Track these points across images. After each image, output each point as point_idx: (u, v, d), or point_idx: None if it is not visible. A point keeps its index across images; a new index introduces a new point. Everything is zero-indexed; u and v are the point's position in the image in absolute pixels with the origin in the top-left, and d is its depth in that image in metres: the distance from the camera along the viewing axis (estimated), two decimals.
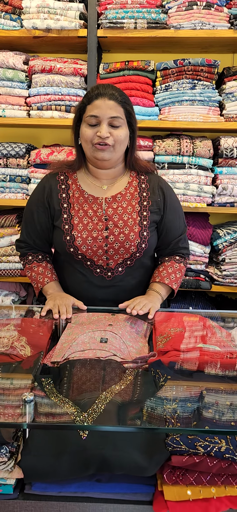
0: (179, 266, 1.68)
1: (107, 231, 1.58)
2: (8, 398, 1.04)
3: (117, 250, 1.59)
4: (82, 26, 2.28)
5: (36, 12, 2.28)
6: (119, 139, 1.56)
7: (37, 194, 1.69)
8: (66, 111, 2.36)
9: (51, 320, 1.52)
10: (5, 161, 2.41)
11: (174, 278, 1.65)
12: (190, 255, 1.79)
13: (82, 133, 1.59)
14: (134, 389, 1.07)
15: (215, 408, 0.98)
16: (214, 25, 2.25)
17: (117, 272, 1.62)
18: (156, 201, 1.65)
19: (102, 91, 1.55)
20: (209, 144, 2.33)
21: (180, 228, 1.72)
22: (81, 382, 1.11)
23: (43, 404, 1.00)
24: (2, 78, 2.33)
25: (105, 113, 1.53)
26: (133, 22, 2.25)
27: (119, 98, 1.56)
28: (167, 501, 0.91)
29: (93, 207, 1.61)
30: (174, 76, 2.30)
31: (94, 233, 1.58)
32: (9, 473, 0.97)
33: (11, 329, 1.42)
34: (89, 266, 1.61)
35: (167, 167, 2.35)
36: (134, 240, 1.58)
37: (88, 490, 0.97)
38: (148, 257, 1.68)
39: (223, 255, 2.40)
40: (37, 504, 0.96)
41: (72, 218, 1.60)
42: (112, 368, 1.16)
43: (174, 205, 1.71)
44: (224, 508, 0.90)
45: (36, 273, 1.68)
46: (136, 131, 1.64)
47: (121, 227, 1.59)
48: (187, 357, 1.20)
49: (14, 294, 2.57)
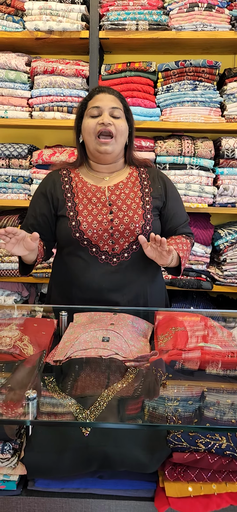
0: (186, 241, 1.69)
1: (112, 214, 1.61)
2: (12, 396, 1.05)
3: (122, 232, 1.60)
4: (84, 28, 2.29)
5: (38, 14, 2.29)
6: (120, 129, 1.64)
7: (40, 188, 1.73)
8: (68, 112, 2.37)
9: (53, 319, 1.53)
10: (8, 162, 2.42)
11: (181, 248, 1.63)
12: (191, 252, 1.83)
13: (84, 126, 1.66)
14: (136, 387, 1.07)
15: (216, 406, 0.99)
16: (215, 26, 2.26)
17: (123, 258, 1.62)
18: (157, 188, 1.70)
19: (103, 88, 1.69)
20: (210, 145, 2.34)
21: (183, 216, 1.75)
22: (83, 380, 1.12)
23: (46, 402, 1.01)
24: (5, 79, 2.35)
25: (106, 103, 1.64)
26: (134, 24, 2.27)
27: (118, 94, 1.70)
28: (168, 498, 0.91)
29: (96, 195, 1.64)
30: (176, 77, 2.31)
31: (99, 217, 1.60)
32: (12, 469, 0.98)
33: (13, 328, 1.43)
34: (95, 253, 1.61)
35: (168, 167, 2.36)
36: (138, 221, 1.61)
37: (90, 486, 0.98)
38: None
39: (224, 255, 2.41)
40: (40, 500, 0.97)
41: (76, 206, 1.63)
42: (114, 367, 1.17)
43: (175, 193, 1.77)
44: (224, 505, 0.91)
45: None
46: (133, 128, 1.73)
47: (125, 210, 1.62)
48: (188, 356, 1.21)
49: (16, 294, 2.58)
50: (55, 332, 1.45)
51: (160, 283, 1.77)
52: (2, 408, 0.98)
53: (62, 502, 0.97)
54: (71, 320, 1.49)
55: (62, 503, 0.97)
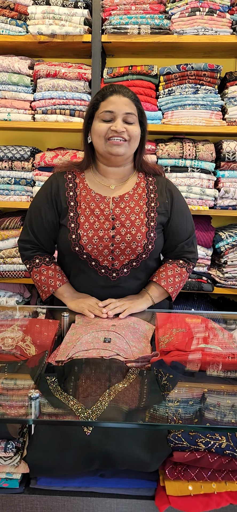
0: (181, 270, 1.65)
1: (114, 230, 1.56)
2: (15, 396, 1.06)
3: (123, 250, 1.56)
4: (87, 32, 2.31)
5: (41, 18, 2.31)
6: (134, 135, 1.55)
7: (45, 191, 1.66)
8: (70, 115, 2.39)
9: (55, 321, 1.54)
10: (10, 164, 2.44)
11: (172, 282, 1.62)
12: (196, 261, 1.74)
13: (94, 129, 1.57)
14: (137, 387, 1.09)
15: (216, 406, 1.00)
16: (217, 30, 2.27)
17: (122, 273, 1.59)
18: (164, 202, 1.63)
19: (117, 88, 1.57)
20: (211, 148, 2.35)
21: (187, 231, 1.69)
22: (85, 381, 1.13)
23: (48, 401, 1.02)
24: (8, 82, 2.37)
25: (120, 108, 1.53)
26: (136, 28, 2.28)
27: (133, 96, 1.59)
28: (169, 496, 0.92)
29: (100, 206, 1.58)
30: (177, 81, 2.32)
31: (100, 232, 1.56)
32: (15, 468, 0.99)
33: (16, 329, 1.44)
34: (94, 267, 1.59)
35: (170, 170, 2.37)
36: (141, 240, 1.56)
37: (92, 485, 0.99)
38: (154, 259, 1.66)
39: (225, 257, 2.42)
40: (42, 498, 0.98)
41: (78, 217, 1.58)
42: (115, 367, 1.19)
43: (182, 208, 1.69)
44: (224, 503, 0.92)
45: (46, 277, 1.63)
46: (146, 131, 1.64)
47: (128, 227, 1.56)
48: (189, 357, 1.22)
49: (18, 295, 2.59)
50: (57, 333, 1.46)
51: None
52: (5, 407, 0.99)
53: (64, 500, 0.98)
54: (73, 321, 1.51)
55: (64, 501, 0.98)
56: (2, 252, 2.50)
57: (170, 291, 1.61)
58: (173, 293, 1.64)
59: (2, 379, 1.12)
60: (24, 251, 1.70)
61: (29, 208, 1.72)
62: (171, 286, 1.61)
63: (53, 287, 1.62)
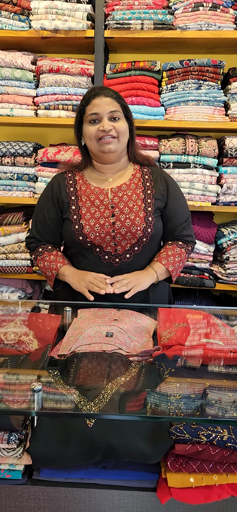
0: (180, 251, 1.73)
1: (114, 217, 1.64)
2: (18, 388, 1.07)
3: (124, 235, 1.64)
4: (90, 27, 2.31)
5: (44, 13, 2.31)
6: (121, 130, 1.66)
7: (46, 192, 1.77)
8: (73, 111, 2.38)
9: (57, 315, 1.55)
10: (13, 160, 2.44)
11: (172, 261, 1.69)
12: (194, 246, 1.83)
13: (85, 132, 1.69)
14: (139, 380, 1.09)
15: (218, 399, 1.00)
16: (220, 26, 2.26)
17: (125, 258, 1.66)
18: (159, 189, 1.73)
19: (98, 91, 1.68)
20: (214, 144, 2.35)
21: (184, 215, 1.78)
22: (87, 374, 1.14)
23: (51, 394, 1.03)
24: (11, 78, 2.37)
25: (104, 108, 1.64)
26: (139, 23, 2.28)
27: (114, 95, 1.69)
28: (170, 488, 0.93)
29: (99, 197, 1.68)
30: (180, 77, 2.32)
31: (101, 220, 1.64)
32: (18, 459, 1.00)
33: (18, 323, 1.45)
34: (98, 253, 1.66)
35: (172, 166, 2.37)
36: (140, 224, 1.64)
37: (94, 476, 1.00)
38: (155, 244, 1.74)
39: (227, 253, 2.42)
40: (44, 490, 0.99)
41: (80, 209, 1.67)
42: (117, 361, 1.19)
43: (177, 193, 1.79)
44: (225, 495, 0.93)
45: (48, 262, 1.71)
46: (133, 124, 1.75)
47: (126, 213, 1.65)
48: (191, 351, 1.22)
49: (21, 291, 2.60)
50: (59, 327, 1.47)
51: (163, 283, 1.77)
52: (9, 399, 1.00)
53: (67, 491, 0.99)
54: (75, 315, 1.51)
55: (66, 492, 0.99)
56: (5, 248, 2.50)
57: (170, 270, 1.68)
58: (173, 272, 1.70)
59: (5, 372, 1.13)
60: (29, 245, 1.81)
61: (34, 211, 1.82)
62: (171, 265, 1.69)
63: (55, 269, 1.69)
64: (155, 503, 0.97)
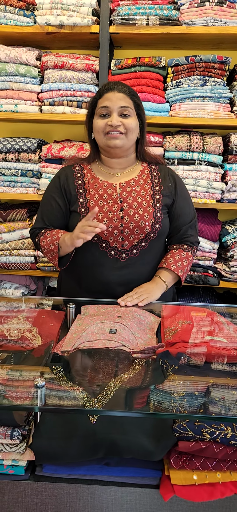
0: (187, 254, 1.73)
1: (122, 212, 1.64)
2: (21, 384, 1.07)
3: (132, 230, 1.63)
4: (95, 22, 2.30)
5: (49, 8, 2.30)
6: (130, 127, 1.64)
7: (54, 182, 1.76)
8: (77, 107, 2.38)
9: (61, 311, 1.55)
10: (17, 156, 2.44)
11: (181, 266, 1.69)
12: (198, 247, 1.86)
13: (94, 125, 1.68)
14: (143, 377, 1.09)
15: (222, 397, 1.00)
16: (226, 21, 2.25)
17: (131, 254, 1.65)
18: (168, 186, 1.73)
19: (112, 86, 1.68)
20: (219, 141, 2.34)
21: (190, 215, 1.78)
22: (91, 371, 1.13)
23: (54, 390, 1.03)
24: (15, 73, 2.36)
25: (115, 103, 1.64)
26: (145, 19, 2.27)
27: (128, 91, 1.68)
28: (173, 485, 0.93)
29: (108, 191, 1.67)
30: (185, 73, 2.30)
31: (110, 214, 1.63)
32: (20, 455, 1.00)
33: (21, 320, 1.45)
34: (104, 249, 1.65)
35: (177, 163, 2.36)
36: (148, 219, 1.64)
37: (97, 473, 0.99)
38: (162, 240, 1.74)
39: (231, 251, 2.41)
40: (47, 486, 0.99)
41: (87, 202, 1.66)
42: (121, 358, 1.19)
43: (185, 192, 1.80)
44: (229, 493, 0.92)
45: (50, 236, 1.66)
46: (145, 123, 1.73)
47: (135, 208, 1.64)
48: (194, 349, 1.22)
49: (24, 287, 2.60)
50: (63, 323, 1.47)
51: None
52: (12, 395, 1.00)
53: (69, 487, 0.99)
54: (78, 312, 1.51)
55: (69, 488, 0.99)
56: (8, 244, 2.50)
57: (180, 274, 1.69)
58: (183, 276, 1.71)
59: (9, 368, 1.13)
60: (33, 234, 1.78)
61: (40, 203, 1.80)
62: (180, 269, 1.69)
63: (56, 239, 1.63)
64: (158, 500, 0.97)
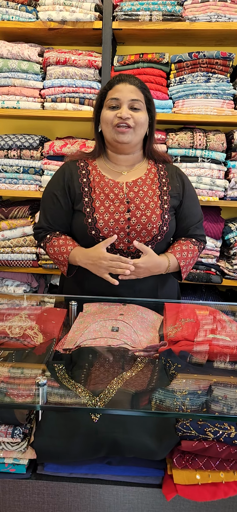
0: (193, 248, 1.70)
1: (129, 213, 1.59)
2: (23, 382, 1.07)
3: (139, 232, 1.59)
4: (97, 18, 2.28)
5: (51, 4, 2.29)
6: (139, 121, 1.60)
7: (57, 179, 1.70)
8: (80, 103, 2.36)
9: (63, 309, 1.54)
10: (19, 153, 2.43)
11: (185, 257, 1.66)
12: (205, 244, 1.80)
13: (103, 116, 1.63)
14: (145, 376, 1.08)
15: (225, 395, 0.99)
16: (230, 17, 2.23)
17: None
18: (176, 186, 1.68)
19: (123, 77, 1.63)
20: (222, 138, 2.32)
21: (198, 215, 1.75)
22: (93, 369, 1.13)
23: (56, 388, 1.03)
24: (17, 70, 2.35)
25: (125, 95, 1.59)
26: (148, 14, 2.25)
27: (140, 84, 1.64)
28: (176, 485, 0.92)
29: (114, 191, 1.62)
30: (189, 69, 2.29)
31: (116, 215, 1.59)
32: (22, 453, 1.00)
33: (23, 317, 1.44)
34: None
35: (179, 160, 2.34)
36: (156, 222, 1.59)
37: (99, 472, 0.99)
38: (167, 242, 1.70)
39: (234, 249, 2.39)
40: (48, 484, 0.99)
41: (93, 201, 1.61)
42: (123, 356, 1.18)
43: (192, 192, 1.75)
44: (232, 493, 0.92)
45: (58, 246, 1.64)
46: (155, 119, 1.69)
47: (143, 209, 1.60)
48: (197, 347, 1.21)
49: (26, 285, 2.59)
50: (64, 321, 1.46)
51: (172, 280, 1.75)
52: (13, 393, 1.00)
53: (71, 486, 0.98)
54: (80, 310, 1.50)
55: (70, 487, 0.98)
56: (10, 241, 2.50)
57: (181, 265, 1.65)
58: (184, 268, 1.67)
59: (10, 366, 1.12)
60: (37, 236, 1.74)
61: (42, 198, 1.75)
62: (183, 260, 1.66)
63: (66, 253, 1.62)
64: (161, 500, 0.96)
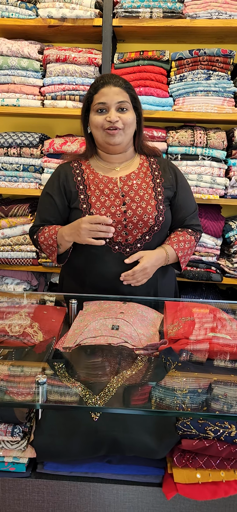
0: (190, 238, 1.72)
1: (125, 206, 1.62)
2: (22, 380, 1.06)
3: (136, 224, 1.62)
4: (98, 15, 2.28)
5: (51, 1, 2.28)
6: (128, 122, 1.63)
7: (52, 181, 1.73)
8: (80, 101, 2.35)
9: (63, 307, 1.54)
10: (19, 151, 2.43)
11: (182, 247, 1.68)
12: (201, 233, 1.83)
13: (92, 121, 1.66)
14: (145, 374, 1.08)
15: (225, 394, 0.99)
16: (231, 14, 2.22)
17: (135, 248, 1.63)
18: (168, 178, 1.72)
19: (107, 79, 1.65)
20: (223, 136, 2.31)
21: (192, 206, 1.78)
22: (93, 367, 1.12)
23: (56, 386, 1.02)
24: (17, 67, 2.35)
25: (112, 99, 1.62)
26: (148, 11, 2.24)
27: (124, 84, 1.66)
28: (176, 484, 0.92)
29: (108, 186, 1.65)
30: (189, 67, 2.28)
31: (112, 209, 1.61)
32: (22, 452, 1.00)
33: (23, 316, 1.44)
34: (108, 244, 1.62)
35: (180, 158, 2.34)
36: (151, 212, 1.62)
37: (99, 471, 0.98)
38: (165, 233, 1.72)
39: (234, 247, 2.39)
40: (48, 483, 0.98)
41: (89, 198, 1.64)
42: (123, 354, 1.18)
43: (185, 183, 1.79)
44: (233, 492, 0.91)
45: (48, 232, 1.66)
46: (141, 115, 1.72)
47: (138, 201, 1.63)
48: (197, 345, 1.20)
49: (26, 283, 2.59)
50: (64, 319, 1.46)
51: (170, 273, 1.78)
52: (13, 391, 0.99)
53: (71, 485, 0.98)
54: (80, 308, 1.50)
55: (70, 486, 0.98)
56: (10, 240, 2.49)
57: (179, 255, 1.67)
58: (182, 258, 1.69)
59: (10, 364, 1.12)
60: (32, 233, 1.77)
61: (39, 201, 1.78)
62: (181, 250, 1.68)
63: (54, 234, 1.64)
64: (161, 499, 0.96)
